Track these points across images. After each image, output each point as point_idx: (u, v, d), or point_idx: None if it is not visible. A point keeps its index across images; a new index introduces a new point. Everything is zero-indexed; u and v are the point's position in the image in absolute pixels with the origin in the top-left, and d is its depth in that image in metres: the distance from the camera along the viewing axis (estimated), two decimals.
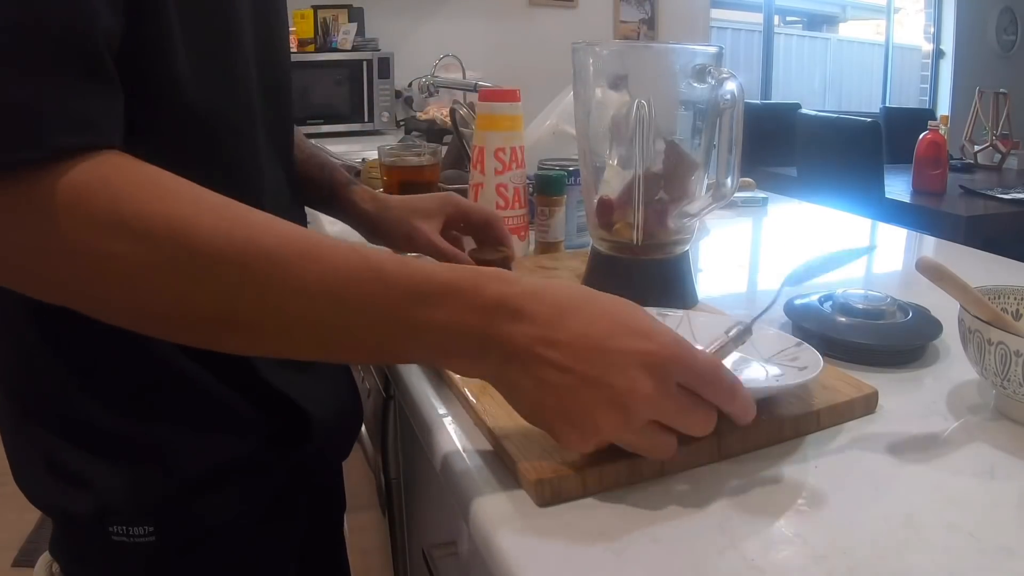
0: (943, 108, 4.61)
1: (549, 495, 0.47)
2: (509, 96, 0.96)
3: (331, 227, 0.99)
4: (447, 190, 1.12)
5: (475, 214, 0.85)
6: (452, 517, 0.63)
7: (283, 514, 0.65)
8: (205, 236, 0.40)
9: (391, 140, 2.51)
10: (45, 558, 0.63)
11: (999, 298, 0.63)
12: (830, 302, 0.73)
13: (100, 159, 0.39)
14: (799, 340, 0.62)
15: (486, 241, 0.85)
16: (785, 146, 3.23)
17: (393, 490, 0.93)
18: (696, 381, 0.44)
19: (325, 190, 0.82)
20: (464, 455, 0.53)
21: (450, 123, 1.32)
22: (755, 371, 0.58)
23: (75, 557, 0.60)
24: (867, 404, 0.58)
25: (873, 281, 1.01)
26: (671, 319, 0.68)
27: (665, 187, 0.74)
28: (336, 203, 0.83)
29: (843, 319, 0.70)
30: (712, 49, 0.70)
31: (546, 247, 1.00)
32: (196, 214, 0.40)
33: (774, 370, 0.59)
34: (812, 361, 0.57)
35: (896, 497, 0.48)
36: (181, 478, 0.56)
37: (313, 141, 2.29)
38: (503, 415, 0.54)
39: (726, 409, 0.46)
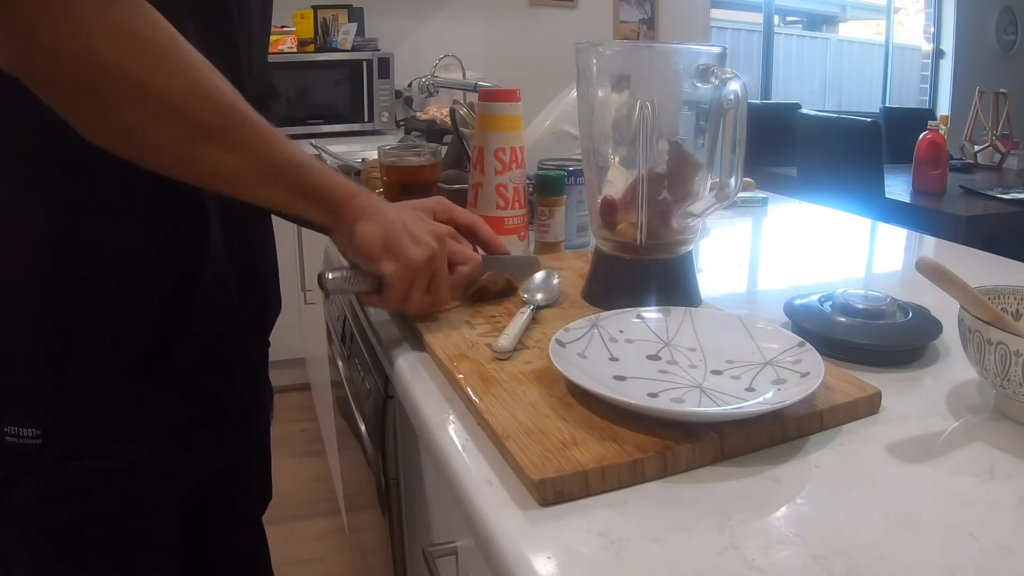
0: (943, 108, 4.61)
1: (552, 495, 0.47)
2: (509, 96, 0.95)
3: None
4: (448, 190, 1.12)
5: (461, 216, 0.83)
6: (452, 517, 0.63)
7: (171, 457, 0.70)
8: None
9: (391, 140, 2.51)
10: None
11: (999, 298, 0.63)
12: (830, 302, 0.73)
13: None
14: (801, 340, 0.62)
15: (473, 242, 0.84)
16: (785, 146, 3.23)
17: (393, 490, 0.93)
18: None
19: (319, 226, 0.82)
20: (464, 455, 0.53)
21: (450, 123, 1.32)
22: (761, 381, 0.59)
23: None
24: (870, 404, 0.58)
25: (873, 281, 1.01)
26: (674, 316, 0.68)
27: (669, 187, 0.74)
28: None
29: (843, 319, 0.70)
30: (716, 49, 0.70)
31: (546, 247, 1.00)
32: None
33: (776, 375, 0.59)
34: (814, 365, 0.57)
35: (896, 497, 0.48)
36: (66, 386, 0.63)
37: (313, 141, 2.28)
38: (506, 415, 0.54)
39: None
